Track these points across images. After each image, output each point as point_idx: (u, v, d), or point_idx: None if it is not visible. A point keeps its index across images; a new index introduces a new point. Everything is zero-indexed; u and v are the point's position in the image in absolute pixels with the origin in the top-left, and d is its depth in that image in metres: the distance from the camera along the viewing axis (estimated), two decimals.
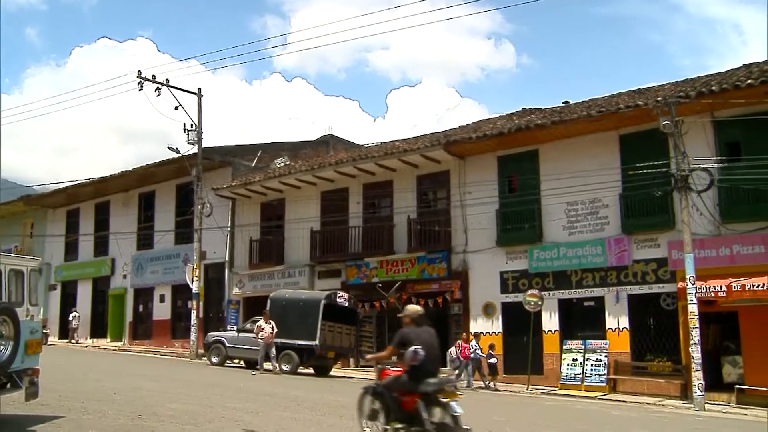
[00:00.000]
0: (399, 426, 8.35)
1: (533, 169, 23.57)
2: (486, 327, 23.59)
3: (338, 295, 23.30)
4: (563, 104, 25.42)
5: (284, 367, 21.66)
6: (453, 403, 8.00)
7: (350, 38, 67.18)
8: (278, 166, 32.90)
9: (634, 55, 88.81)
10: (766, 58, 20.95)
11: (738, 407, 18.52)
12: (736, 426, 15.72)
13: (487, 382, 21.80)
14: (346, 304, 23.26)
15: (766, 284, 18.58)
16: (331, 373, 23.61)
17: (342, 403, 13.54)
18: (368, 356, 10.54)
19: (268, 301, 23.36)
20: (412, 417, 8.18)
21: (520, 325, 22.50)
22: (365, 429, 9.02)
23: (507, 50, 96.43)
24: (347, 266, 27.15)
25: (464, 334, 22.61)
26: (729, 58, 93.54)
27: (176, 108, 28.24)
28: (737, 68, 22.21)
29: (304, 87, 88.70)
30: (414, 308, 8.95)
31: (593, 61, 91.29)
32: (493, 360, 22.07)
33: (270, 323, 21.54)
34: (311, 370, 22.94)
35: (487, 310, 23.76)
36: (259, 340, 21.50)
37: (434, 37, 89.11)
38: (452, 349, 21.89)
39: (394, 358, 8.88)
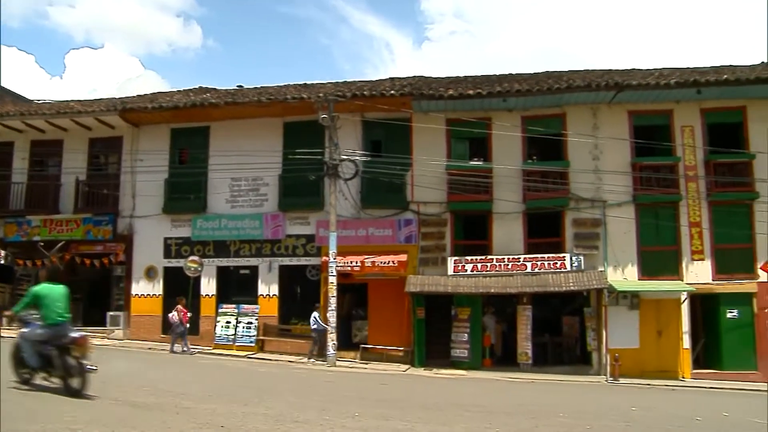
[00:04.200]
0: None
1: (204, 144, 23.61)
2: (147, 289, 23.25)
3: None
4: (237, 87, 25.69)
5: None
6: None
7: None
8: None
9: (305, 54, 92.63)
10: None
11: (361, 362, 20.74)
12: (357, 377, 17.38)
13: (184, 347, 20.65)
14: (2, 262, 21.43)
15: (390, 261, 20.93)
16: None
17: None
18: None
19: None
20: None
21: (179, 289, 22.38)
22: None
23: (195, 31, 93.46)
24: (7, 223, 24.73)
25: (182, 299, 21.36)
26: (381, 70, 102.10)
27: None
28: (385, 79, 24.49)
29: None
30: None
31: (270, 53, 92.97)
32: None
33: None
34: None
35: (149, 274, 23.40)
36: None
37: (123, 4, 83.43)
38: (173, 314, 20.81)
39: None
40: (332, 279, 19.85)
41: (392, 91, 21.45)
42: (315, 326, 20.71)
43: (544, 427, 9.74)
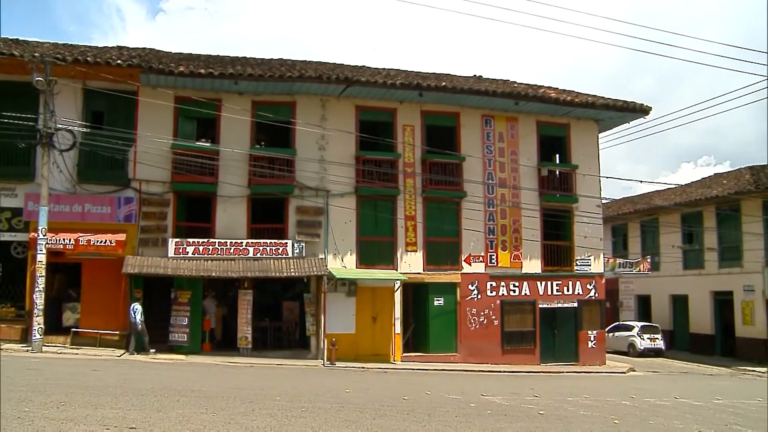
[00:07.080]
0: None
1: None
2: None
3: None
4: None
5: None
6: None
7: None
8: None
9: (21, 5, 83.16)
10: None
11: (72, 347, 18.87)
12: (66, 364, 15.91)
13: None
14: None
15: (107, 241, 19.22)
16: None
17: None
18: None
19: None
20: None
21: None
22: None
23: None
24: None
25: None
26: (111, 37, 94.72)
27: None
28: (113, 47, 22.38)
29: None
30: None
31: None
32: None
33: None
34: None
35: None
36: None
37: None
38: None
39: None
40: (41, 257, 17.74)
41: (119, 61, 19.62)
42: (133, 319, 18.81)
43: (260, 410, 9.66)
